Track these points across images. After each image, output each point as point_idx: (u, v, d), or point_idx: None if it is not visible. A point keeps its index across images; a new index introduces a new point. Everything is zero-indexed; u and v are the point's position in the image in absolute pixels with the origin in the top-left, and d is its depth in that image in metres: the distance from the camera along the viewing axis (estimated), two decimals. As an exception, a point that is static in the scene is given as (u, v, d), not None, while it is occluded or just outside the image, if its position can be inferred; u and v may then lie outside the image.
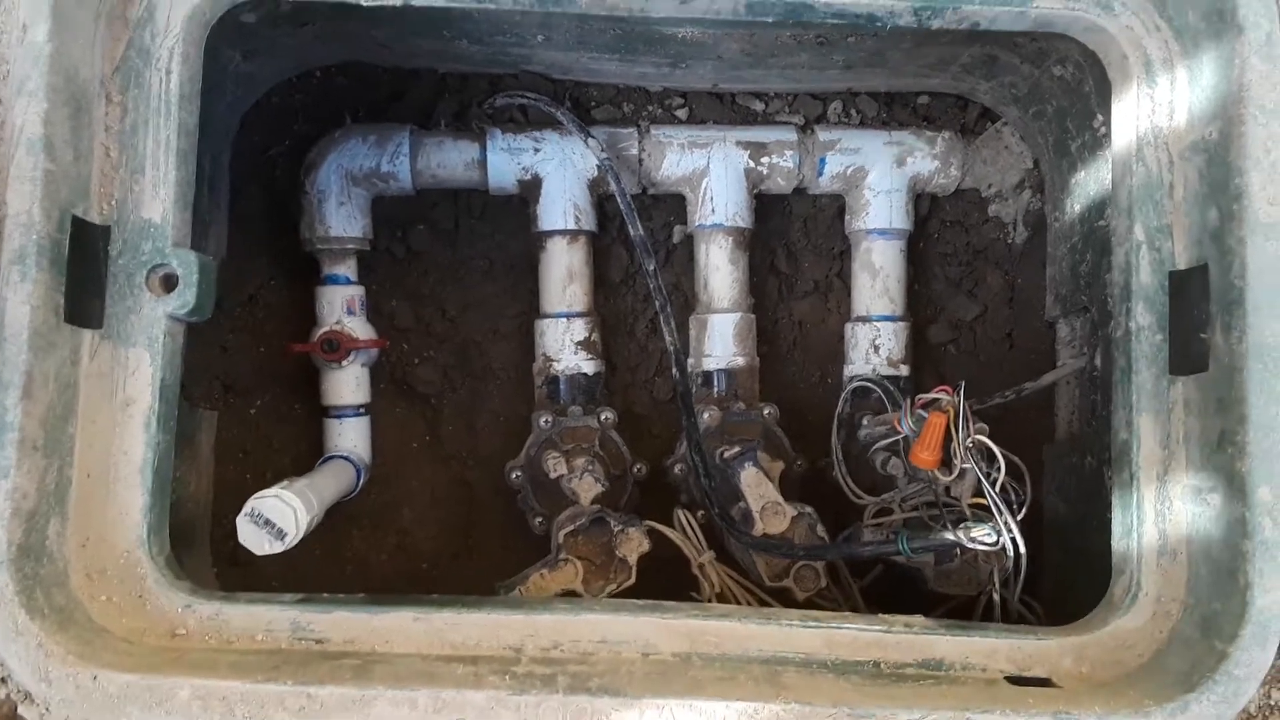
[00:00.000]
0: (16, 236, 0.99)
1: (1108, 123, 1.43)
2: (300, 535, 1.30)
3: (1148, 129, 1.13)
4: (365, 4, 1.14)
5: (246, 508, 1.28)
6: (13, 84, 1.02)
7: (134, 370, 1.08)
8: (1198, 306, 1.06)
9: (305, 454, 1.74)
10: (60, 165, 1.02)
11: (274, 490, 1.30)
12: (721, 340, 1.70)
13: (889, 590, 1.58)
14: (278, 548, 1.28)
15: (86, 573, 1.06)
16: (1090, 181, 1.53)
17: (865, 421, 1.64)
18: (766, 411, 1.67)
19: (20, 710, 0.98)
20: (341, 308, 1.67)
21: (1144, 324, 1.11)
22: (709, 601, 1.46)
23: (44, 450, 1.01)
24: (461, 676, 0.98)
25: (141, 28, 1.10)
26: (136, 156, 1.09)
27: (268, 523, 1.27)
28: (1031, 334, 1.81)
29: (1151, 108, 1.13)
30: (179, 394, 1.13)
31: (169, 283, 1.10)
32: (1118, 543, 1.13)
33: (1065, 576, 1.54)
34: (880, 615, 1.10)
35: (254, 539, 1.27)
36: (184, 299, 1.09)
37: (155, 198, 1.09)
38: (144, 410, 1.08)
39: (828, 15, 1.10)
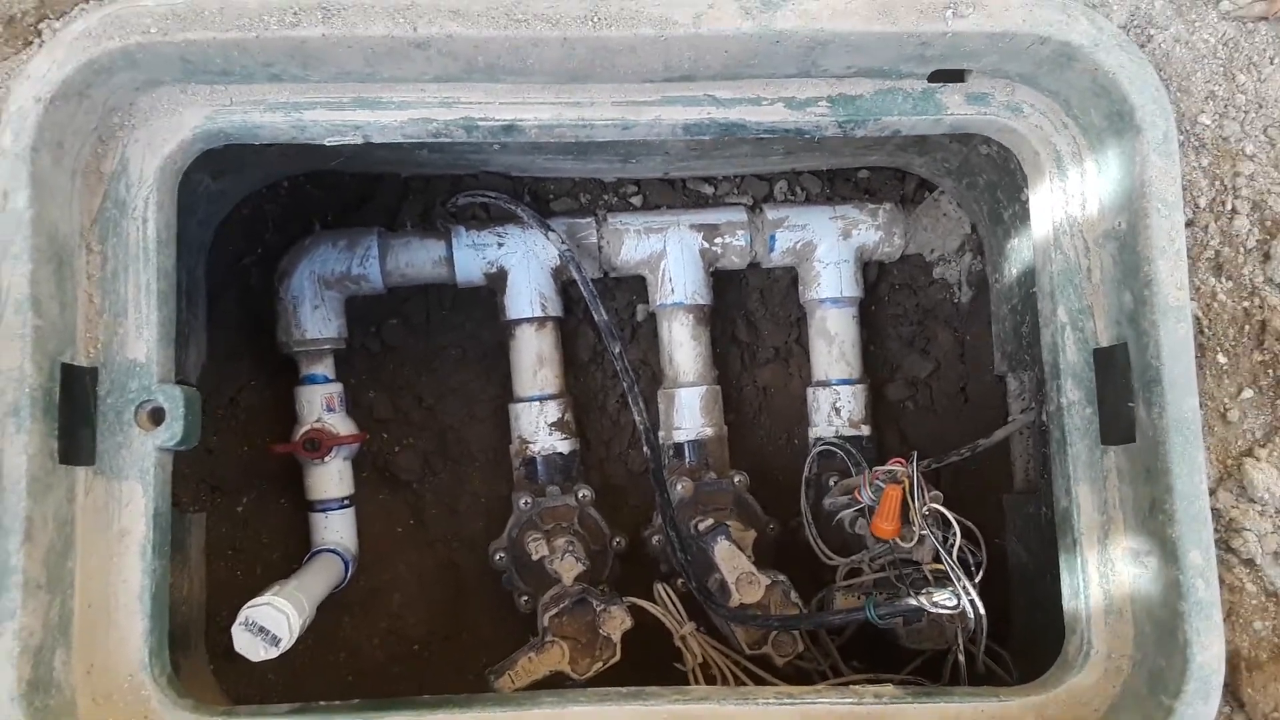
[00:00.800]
0: (10, 392, 1.04)
1: (1030, 210, 1.53)
2: (294, 638, 1.35)
3: (1063, 218, 1.21)
4: (329, 143, 1.21)
5: (241, 617, 1.33)
6: (-2, 247, 1.08)
7: (127, 502, 1.14)
8: (1122, 380, 1.14)
9: (294, 547, 1.79)
10: (47, 319, 1.09)
11: (266, 597, 1.35)
12: (690, 413, 1.78)
13: (866, 646, 1.64)
14: (273, 653, 1.33)
15: (93, 697, 1.11)
16: (1023, 248, 1.61)
17: (834, 483, 1.71)
18: (737, 479, 1.74)
19: (37, 841, 1.03)
20: (321, 405, 1.72)
21: (1074, 399, 1.19)
22: (692, 671, 1.52)
23: (46, 587, 1.07)
24: (457, 778, 1.04)
25: (116, 180, 1.17)
26: (119, 301, 1.16)
27: (262, 630, 1.32)
28: (984, 387, 1.89)
29: (1065, 199, 1.21)
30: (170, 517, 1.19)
31: (156, 417, 1.16)
32: (1068, 603, 1.20)
33: (1031, 622, 1.60)
34: (851, 686, 1.17)
35: (249, 647, 1.32)
36: (172, 431, 1.15)
37: (139, 338, 1.15)
38: (139, 540, 1.14)
39: (759, 131, 1.19)
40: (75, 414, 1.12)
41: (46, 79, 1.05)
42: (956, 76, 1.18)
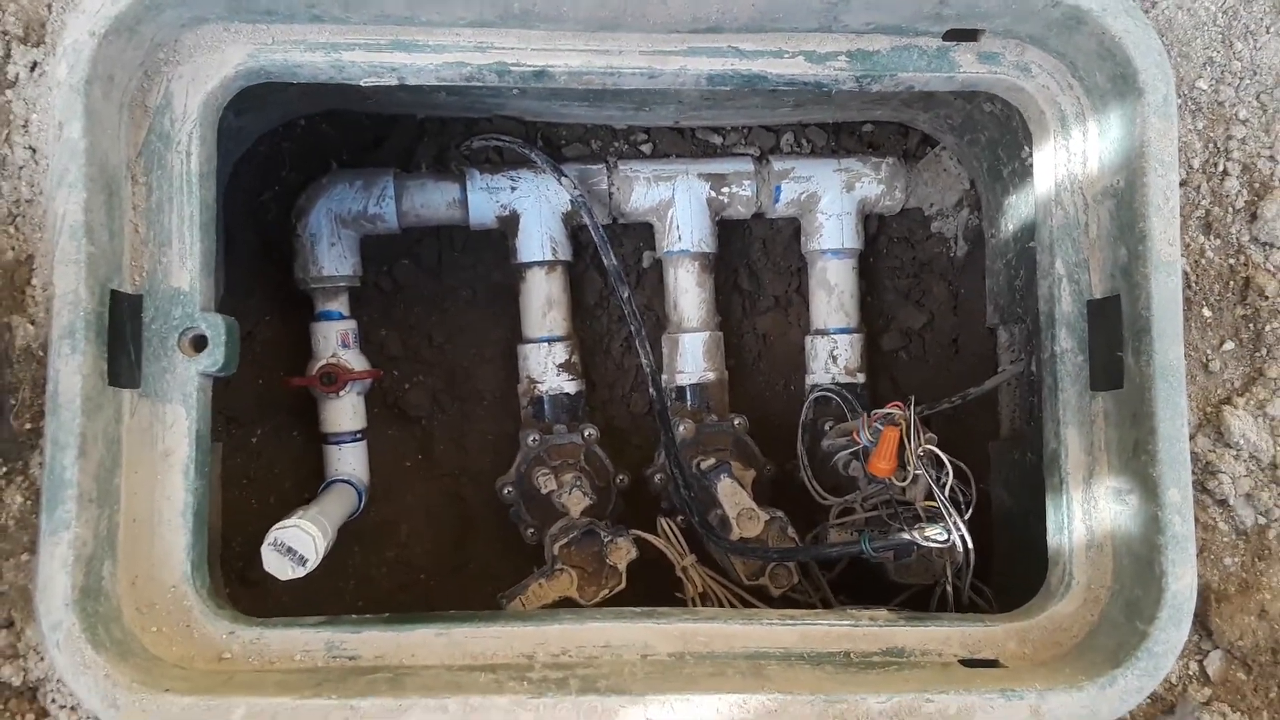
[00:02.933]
0: (65, 314, 1.09)
1: (1034, 166, 1.59)
2: (319, 560, 1.42)
3: (1065, 175, 1.28)
4: (365, 84, 1.26)
5: (269, 538, 1.40)
6: (53, 176, 1.12)
7: (171, 424, 1.20)
8: (1113, 331, 1.21)
9: (306, 478, 1.85)
10: (99, 246, 1.13)
11: (294, 520, 1.42)
12: (693, 357, 1.84)
13: (855, 581, 1.73)
14: (300, 573, 1.40)
15: (137, 608, 1.17)
16: (1021, 204, 1.68)
17: (829, 428, 1.79)
18: (737, 422, 1.82)
19: (90, 736, 1.10)
20: (336, 341, 1.78)
21: (1067, 347, 1.26)
22: (693, 600, 1.61)
23: (97, 501, 1.13)
24: (484, 684, 1.11)
25: (160, 114, 1.21)
26: (163, 231, 1.21)
27: (290, 550, 1.39)
28: (975, 339, 1.97)
29: (1068, 156, 1.28)
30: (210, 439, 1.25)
31: (199, 343, 1.21)
32: (1052, 538, 1.28)
33: (1012, 562, 1.70)
34: (848, 610, 1.25)
35: (278, 566, 1.39)
36: (214, 358, 1.20)
37: (182, 268, 1.20)
38: (182, 459, 1.19)
39: (780, 84, 1.24)
40: (123, 339, 1.17)
41: (100, 14, 1.09)
42: (970, 36, 1.24)
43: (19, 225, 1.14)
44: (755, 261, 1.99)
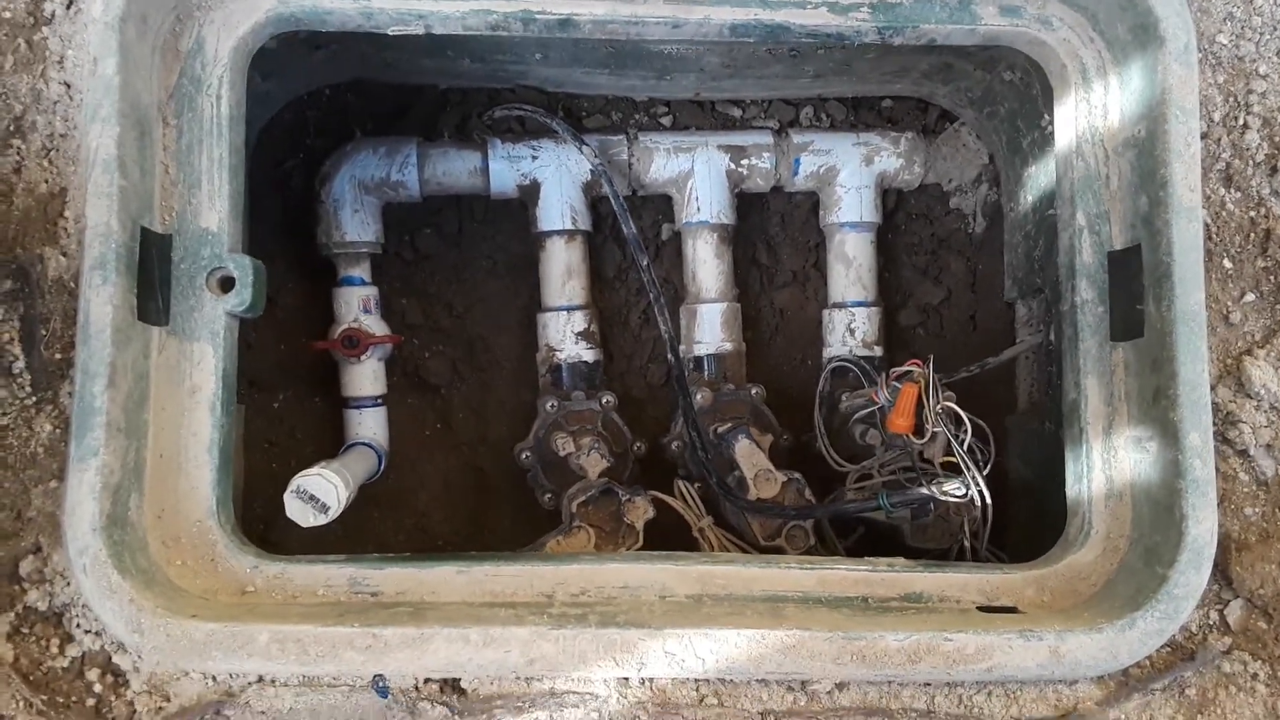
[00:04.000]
0: (97, 245, 1.11)
1: (1055, 122, 1.60)
2: (341, 509, 1.43)
3: (1086, 128, 1.29)
4: (392, 32, 1.28)
5: (292, 485, 1.41)
6: (87, 111, 1.14)
7: (199, 361, 1.21)
8: (1133, 281, 1.22)
9: (327, 443, 1.86)
10: (130, 181, 1.15)
11: (316, 469, 1.43)
12: (710, 328, 1.85)
13: (870, 549, 1.73)
14: (321, 520, 1.41)
15: (162, 540, 1.19)
16: (1040, 175, 1.69)
17: (845, 396, 1.80)
18: (754, 391, 1.82)
19: (114, 659, 1.11)
20: (358, 307, 1.79)
21: (1087, 298, 1.27)
22: (708, 563, 1.61)
23: (125, 432, 1.14)
24: (505, 618, 1.12)
25: (192, 58, 1.23)
26: (193, 172, 1.22)
27: (312, 498, 1.40)
28: (992, 315, 1.97)
29: (1089, 110, 1.29)
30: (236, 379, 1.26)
31: (226, 284, 1.23)
32: (1070, 489, 1.29)
33: (1028, 532, 1.69)
34: (867, 559, 1.25)
35: (300, 513, 1.40)
36: (241, 298, 1.22)
37: (211, 209, 1.22)
38: (209, 396, 1.21)
39: (802, 35, 1.26)
40: (151, 277, 1.19)
41: (136, -48, 1.12)
42: (991, -12, 1.26)
43: (53, 159, 1.16)
44: (773, 236, 2.00)
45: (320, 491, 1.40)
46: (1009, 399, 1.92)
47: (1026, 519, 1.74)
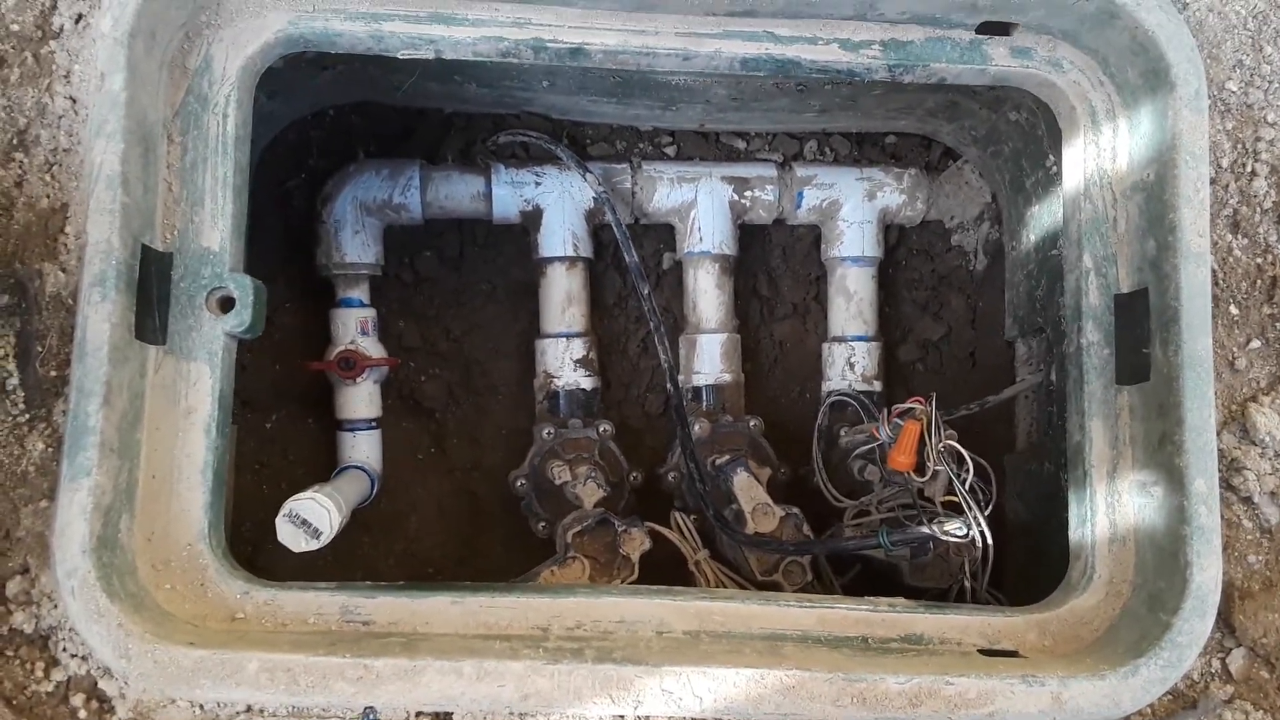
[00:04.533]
0: (97, 262, 1.10)
1: (1059, 163, 1.60)
2: (333, 534, 1.41)
3: (1094, 171, 1.29)
4: (402, 55, 1.27)
5: (285, 509, 1.39)
6: (92, 126, 1.13)
7: (195, 382, 1.20)
8: (1140, 325, 1.21)
9: (319, 466, 1.84)
10: (133, 198, 1.14)
11: (309, 493, 1.41)
12: (710, 358, 1.84)
13: (867, 586, 1.71)
14: (313, 545, 1.39)
15: (152, 564, 1.16)
16: (1044, 215, 1.69)
17: (844, 431, 1.79)
18: (752, 423, 1.81)
19: (100, 685, 1.08)
20: (355, 329, 1.78)
21: (1093, 340, 1.26)
22: (703, 598, 1.59)
23: (118, 452, 1.12)
24: (498, 651, 1.10)
25: (200, 76, 1.22)
26: (196, 191, 1.21)
27: (304, 522, 1.38)
28: (992, 352, 1.97)
29: (1097, 152, 1.29)
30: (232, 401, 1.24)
31: (226, 304, 1.21)
32: (1074, 532, 1.27)
33: (1026, 574, 1.68)
34: (867, 597, 1.24)
35: (291, 538, 1.38)
36: (240, 318, 1.20)
37: (214, 228, 1.21)
38: (204, 418, 1.19)
39: (813, 71, 1.26)
40: (150, 295, 1.17)
41: (147, -31, 1.11)
42: (1003, 29, 1.26)
43: (55, 173, 1.15)
44: (775, 268, 1.99)
45: (313, 516, 1.38)
46: (1008, 438, 1.91)
47: (1024, 559, 1.72)
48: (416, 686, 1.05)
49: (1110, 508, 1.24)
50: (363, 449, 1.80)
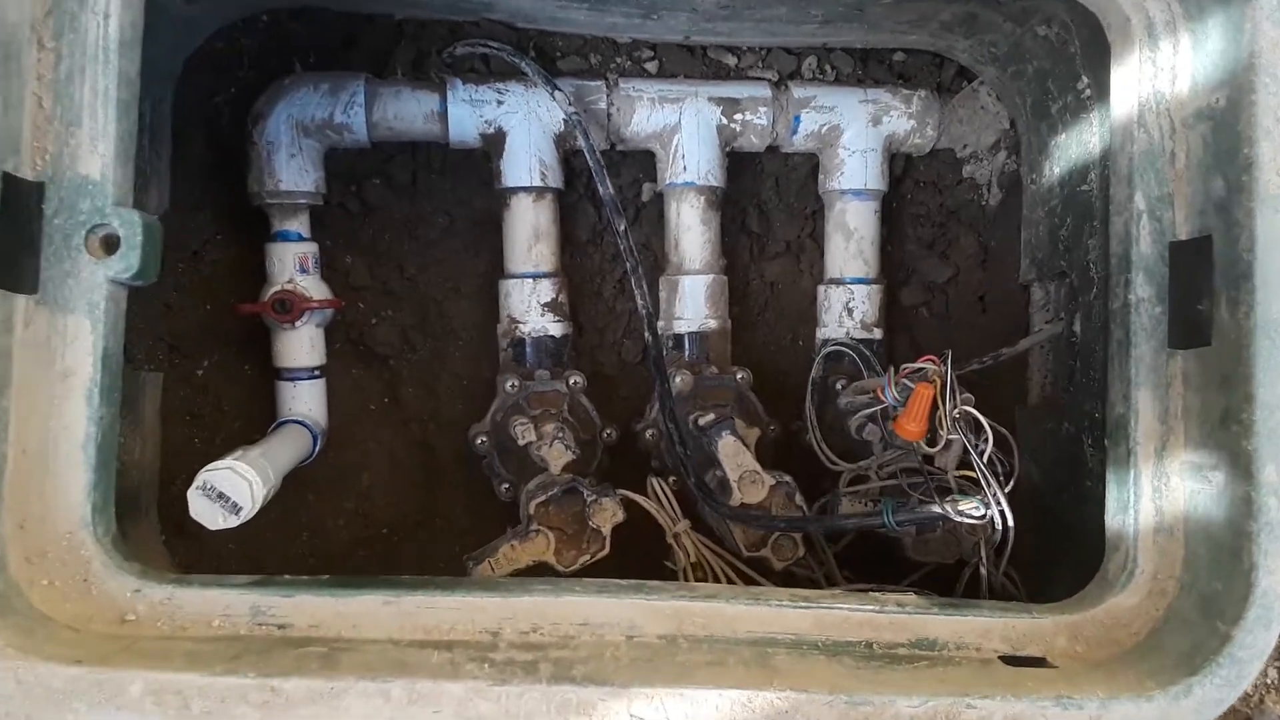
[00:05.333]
0: (-59, 194, 0.89)
1: (1094, 86, 1.40)
2: (256, 509, 1.23)
3: (1149, 94, 1.08)
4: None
5: (198, 480, 1.20)
6: (-69, 23, 0.91)
7: (73, 339, 0.99)
8: (1200, 278, 1.03)
9: (258, 417, 1.65)
10: (-11, 115, 0.93)
11: (227, 461, 1.22)
12: (693, 303, 1.65)
13: (865, 555, 1.55)
14: (232, 522, 1.20)
15: (25, 556, 0.98)
16: (1072, 145, 1.49)
17: (841, 386, 1.61)
18: (740, 376, 1.63)
19: (-45, 708, 0.91)
20: (294, 265, 1.58)
21: (1143, 296, 1.07)
22: (684, 571, 1.42)
23: (-24, 425, 0.93)
24: (437, 665, 0.92)
25: (75, -36, 1.00)
26: (72, 108, 1.00)
27: (221, 496, 1.20)
28: (1004, 297, 1.79)
29: (1154, 73, 1.08)
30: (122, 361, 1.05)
31: (110, 244, 1.01)
32: (1112, 519, 1.10)
33: (1041, 543, 1.52)
34: (871, 593, 1.07)
35: (207, 513, 1.20)
36: (127, 262, 1.00)
37: (93, 152, 1.00)
38: (85, 382, 0.99)
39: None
40: (17, 233, 0.97)
41: None
42: (1049, -81, 1.04)
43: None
44: (766, 201, 1.79)
45: (231, 489, 1.19)
46: (1020, 390, 1.74)
47: (1038, 527, 1.56)
48: (335, 713, 0.87)
49: (1157, 492, 1.06)
50: (304, 400, 1.61)
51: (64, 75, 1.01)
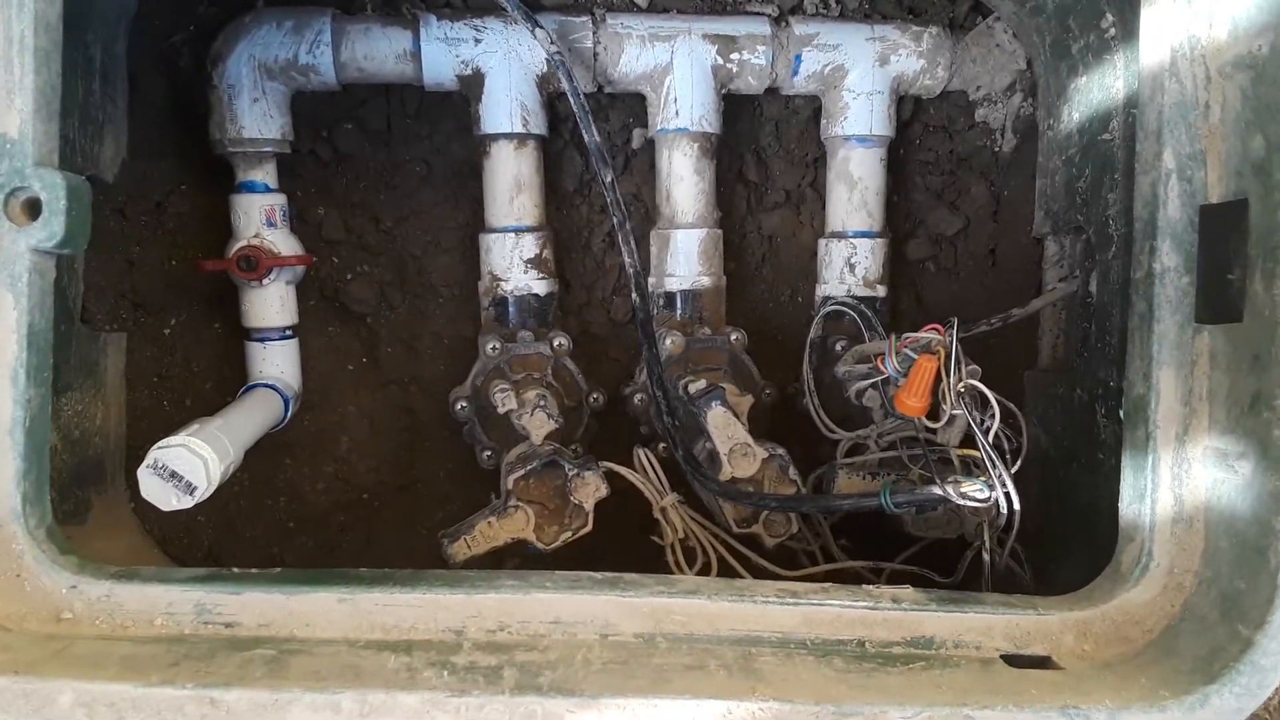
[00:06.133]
0: None
1: (1120, 24, 1.28)
2: (214, 487, 1.16)
3: (1183, 40, 0.97)
4: None
5: (149, 458, 1.13)
6: None
7: (-4, 315, 0.91)
8: (1233, 247, 0.93)
9: (229, 378, 1.58)
10: (-114, 66, 0.83)
11: (180, 437, 1.14)
12: (686, 259, 1.55)
13: (861, 527, 1.48)
14: (187, 503, 1.13)
15: (-50, 552, 0.91)
16: (1093, 89, 1.38)
17: (842, 348, 1.52)
18: (734, 337, 1.54)
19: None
20: (260, 219, 1.48)
21: (1169, 265, 0.98)
22: (671, 546, 1.36)
23: (-111, 412, 0.85)
24: (393, 672, 0.85)
25: (-16, -110, 0.89)
26: (-16, 56, 0.90)
27: (174, 475, 1.12)
28: (1016, 250, 1.69)
29: (1189, 14, 0.97)
30: (70, 339, 0.97)
31: (32, 209, 0.92)
32: (1128, 506, 1.02)
33: (1048, 515, 1.44)
34: (865, 588, 0.99)
35: (159, 494, 1.12)
36: (50, 229, 0.91)
37: (9, 108, 0.90)
38: (9, 362, 0.91)
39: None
40: (-74, 198, 0.88)
41: None
42: None
43: None
44: (765, 148, 1.68)
45: (184, 467, 1.12)
46: (1029, 351, 1.64)
47: (1044, 497, 1.48)
48: (279, 726, 0.80)
49: (1177, 480, 0.98)
50: (275, 362, 1.53)
51: (-25, 22, 0.90)
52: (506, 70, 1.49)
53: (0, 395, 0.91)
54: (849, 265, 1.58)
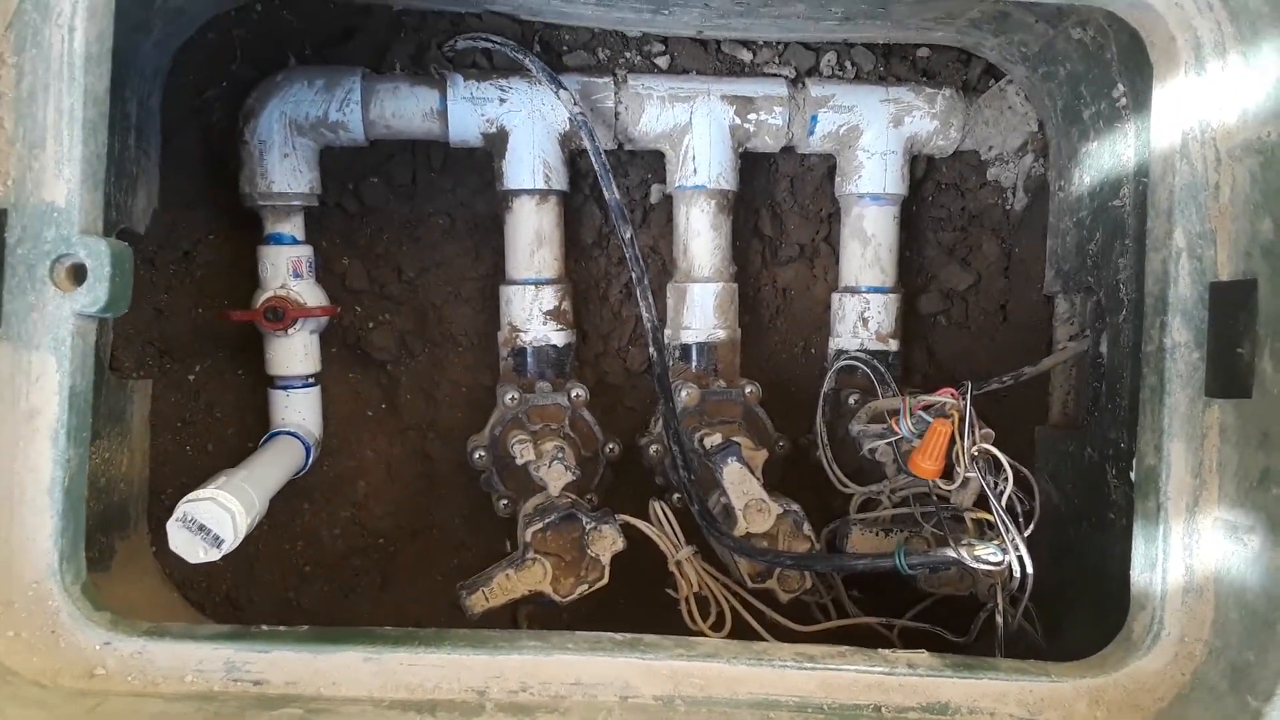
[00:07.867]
0: (-106, 225, 0.83)
1: (1131, 95, 1.31)
2: (240, 539, 1.18)
3: (1194, 122, 1.00)
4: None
5: (178, 512, 1.15)
6: (-120, 41, 0.85)
7: (38, 377, 0.94)
8: (1242, 324, 0.95)
9: (251, 424, 1.61)
10: (-57, 139, 0.87)
11: (208, 491, 1.17)
12: (701, 312, 1.58)
13: (873, 578, 1.50)
14: (214, 555, 1.15)
15: (-9, 606, 0.93)
16: (1105, 155, 1.41)
17: (855, 401, 1.54)
18: (749, 390, 1.56)
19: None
20: (287, 270, 1.52)
21: (1180, 340, 1.00)
22: (686, 599, 1.37)
23: (-66, 473, 0.88)
24: (419, 733, 0.88)
25: (38, -29, 0.93)
26: (35, 128, 0.93)
27: (202, 528, 1.15)
28: (1027, 307, 1.71)
29: (1200, 99, 1.00)
30: (99, 388, 0.99)
31: (77, 275, 0.95)
32: (1139, 575, 1.04)
33: (1057, 570, 1.46)
34: (881, 652, 1.01)
35: (187, 546, 1.15)
36: (94, 294, 0.94)
37: (58, 177, 0.93)
38: (51, 423, 0.94)
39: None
40: (-24, 264, 0.91)
41: None
42: (1091, -69, 0.96)
43: None
44: (780, 203, 1.71)
45: (212, 521, 1.14)
46: (1040, 407, 1.66)
47: (1053, 552, 1.50)
48: (307, 788, 0.82)
49: (1187, 550, 1.00)
50: (297, 409, 1.56)
51: (26, 93, 0.94)
52: (530, 129, 1.53)
53: (40, 455, 0.94)
54: (862, 319, 1.61)
